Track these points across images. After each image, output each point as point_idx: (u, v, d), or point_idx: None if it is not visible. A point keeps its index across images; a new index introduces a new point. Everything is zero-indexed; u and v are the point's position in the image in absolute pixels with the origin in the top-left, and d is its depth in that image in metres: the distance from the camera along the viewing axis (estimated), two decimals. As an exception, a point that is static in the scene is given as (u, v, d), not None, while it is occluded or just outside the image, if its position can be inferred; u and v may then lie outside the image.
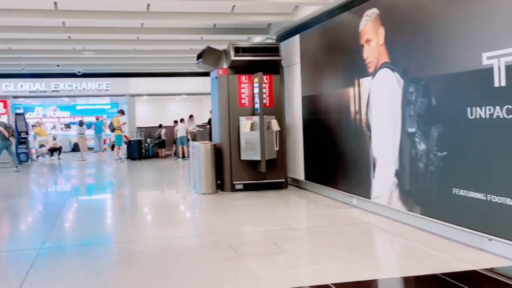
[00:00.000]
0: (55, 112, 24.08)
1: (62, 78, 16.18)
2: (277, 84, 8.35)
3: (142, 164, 15.18)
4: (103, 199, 9.14)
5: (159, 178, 11.82)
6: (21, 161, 15.85)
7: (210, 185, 8.04)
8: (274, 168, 8.10)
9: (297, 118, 8.32)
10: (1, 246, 5.38)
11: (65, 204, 7.84)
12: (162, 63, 14.23)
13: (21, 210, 7.82)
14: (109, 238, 5.60)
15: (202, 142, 8.47)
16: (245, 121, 7.89)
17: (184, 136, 15.79)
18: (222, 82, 8.25)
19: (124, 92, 16.84)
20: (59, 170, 14.94)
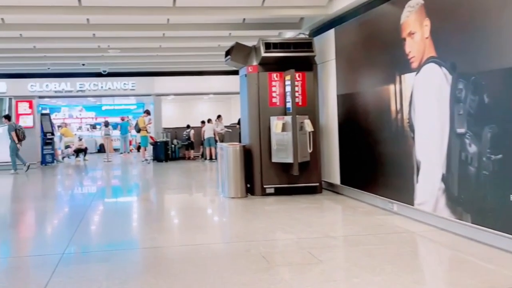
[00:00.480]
0: (81, 113, 24.60)
1: (88, 78, 16.39)
2: (311, 82, 8.21)
3: (169, 166, 15.28)
4: (129, 202, 9.21)
5: (186, 180, 11.87)
6: (47, 162, 16.29)
7: (239, 189, 7.98)
8: (307, 171, 7.98)
9: (332, 118, 8.19)
10: (24, 250, 5.42)
11: (90, 207, 7.93)
12: (189, 61, 14.26)
13: (45, 212, 7.93)
14: (134, 243, 5.56)
15: (230, 144, 8.42)
16: (276, 121, 7.78)
17: (212, 137, 15.83)
18: (251, 80, 8.16)
19: (150, 91, 16.97)
20: (84, 171, 15.23)
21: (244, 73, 8.41)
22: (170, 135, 17.06)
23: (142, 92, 17.03)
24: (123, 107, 24.35)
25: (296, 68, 7.84)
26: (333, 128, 8.18)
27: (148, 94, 17.21)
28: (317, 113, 8.29)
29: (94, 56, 12.91)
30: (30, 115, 15.93)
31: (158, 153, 16.42)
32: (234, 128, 16.49)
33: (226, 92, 17.41)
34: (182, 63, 14.64)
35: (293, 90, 7.81)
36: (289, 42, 8.11)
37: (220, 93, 17.82)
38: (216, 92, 17.68)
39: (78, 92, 16.55)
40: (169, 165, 15.48)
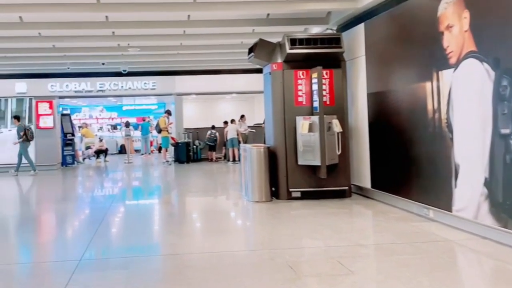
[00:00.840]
0: (102, 113, 24.89)
1: (108, 77, 16.44)
2: (339, 80, 8.08)
3: (190, 167, 15.34)
4: (149, 205, 9.24)
5: (208, 183, 11.87)
6: (67, 163, 16.52)
7: (263, 193, 7.91)
8: (336, 174, 7.87)
9: (362, 118, 8.04)
10: (40, 255, 5.43)
11: (109, 209, 7.97)
12: (211, 59, 14.28)
13: (63, 215, 7.98)
14: (154, 249, 5.51)
15: (254, 145, 8.36)
16: (302, 122, 7.69)
17: (235, 137, 15.81)
18: (276, 78, 8.08)
19: (171, 91, 16.92)
20: (104, 173, 15.39)
21: (268, 71, 8.31)
22: (191, 135, 17.09)
23: (162, 92, 17.06)
24: (144, 107, 24.53)
25: (323, 65, 7.72)
26: (363, 128, 8.04)
27: (169, 94, 17.20)
28: (346, 112, 8.16)
29: (114, 55, 12.98)
30: (50, 116, 16.06)
31: (180, 155, 16.44)
32: (259, 128, 16.41)
33: (249, 91, 17.40)
34: (203, 62, 14.68)
35: (320, 88, 7.68)
36: (316, 37, 7.97)
37: (243, 92, 17.64)
38: (239, 91, 17.56)
39: (98, 92, 16.64)
40: (190, 166, 15.55)
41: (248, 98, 20.91)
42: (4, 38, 10.56)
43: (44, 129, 15.93)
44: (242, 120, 16.77)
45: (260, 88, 9.24)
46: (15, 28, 9.23)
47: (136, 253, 5.23)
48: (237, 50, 11.91)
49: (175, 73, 16.44)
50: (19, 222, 7.55)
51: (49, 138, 15.92)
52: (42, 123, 15.97)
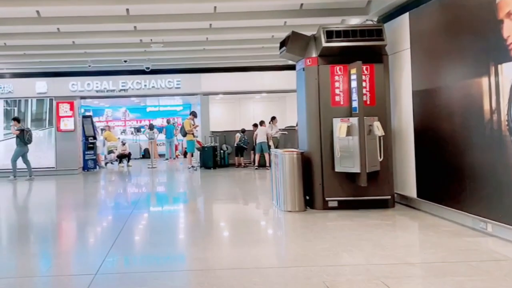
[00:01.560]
0: (125, 115, 25.25)
1: (130, 76, 16.49)
2: (380, 76, 7.84)
3: (217, 173, 15.33)
4: (173, 213, 9.19)
5: (236, 190, 11.81)
6: (88, 168, 16.78)
7: (297, 202, 7.80)
8: (377, 182, 7.68)
9: (407, 119, 7.77)
10: (53, 268, 5.33)
11: (130, 218, 7.97)
12: (239, 56, 14.22)
13: (82, 223, 8.05)
14: (177, 264, 5.38)
15: (286, 150, 8.16)
16: (340, 124, 7.52)
17: (264, 141, 15.70)
18: (310, 75, 7.91)
19: (196, 90, 16.97)
20: (127, 178, 15.58)
21: (301, 66, 8.17)
22: (218, 139, 17.10)
23: (188, 91, 17.07)
24: (168, 109, 24.81)
25: (363, 59, 7.53)
26: (407, 131, 7.77)
27: (194, 94, 17.26)
28: (388, 113, 7.91)
29: (136, 52, 13.08)
30: (71, 118, 16.27)
31: (206, 160, 16.49)
32: (291, 130, 16.31)
33: (280, 90, 17.36)
34: (231, 58, 14.64)
35: (360, 86, 7.47)
36: (355, 29, 7.74)
37: (274, 91, 17.66)
38: (269, 90, 17.44)
39: (121, 91, 16.72)
40: (217, 172, 15.56)
41: (280, 98, 20.88)
42: (22, 35, 10.71)
43: (65, 131, 16.17)
44: (273, 123, 16.66)
45: (293, 86, 9.12)
46: (32, 23, 9.34)
47: (156, 267, 5.10)
48: (268, 44, 11.84)
49: (200, 71, 16.45)
50: (34, 231, 7.57)
51: (70, 141, 16.20)
52: (62, 125, 16.19)
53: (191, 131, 15.94)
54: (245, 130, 16.88)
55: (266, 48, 12.50)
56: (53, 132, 16.16)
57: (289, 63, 8.84)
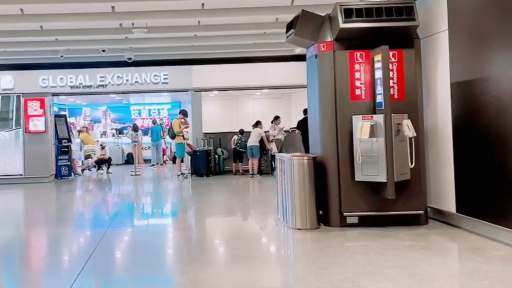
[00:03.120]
0: (106, 114, 25.12)
1: (110, 69, 16.06)
2: (411, 64, 7.51)
3: (211, 182, 15.17)
4: (158, 229, 8.99)
5: (234, 202, 11.60)
6: (62, 175, 16.57)
7: (308, 217, 7.54)
8: (407, 193, 7.38)
9: (443, 117, 7.45)
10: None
11: (106, 235, 7.84)
12: (237, 44, 14.07)
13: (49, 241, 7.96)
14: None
15: (295, 155, 7.92)
16: (361, 123, 7.25)
17: (255, 145, 15.59)
18: (324, 63, 7.63)
19: (187, 85, 16.67)
20: (106, 187, 15.54)
21: (313, 53, 7.87)
22: (212, 142, 16.88)
23: (177, 87, 16.80)
24: (155, 107, 24.79)
25: (389, 44, 7.21)
26: (444, 131, 7.44)
27: (184, 90, 17.05)
28: (420, 110, 7.56)
29: (116, 39, 13.01)
30: (41, 117, 15.92)
31: (198, 166, 16.25)
32: (294, 133, 16.15)
33: (285, 86, 17.12)
34: (227, 47, 14.50)
35: (386, 76, 7.13)
36: (380, 7, 7.35)
37: (278, 86, 17.46)
38: (272, 85, 17.08)
39: (99, 87, 16.37)
40: (211, 181, 15.41)
41: (284, 95, 20.88)
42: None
43: (34, 133, 15.87)
44: (275, 123, 16.48)
45: (300, 80, 8.95)
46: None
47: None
48: (271, 29, 11.74)
49: (191, 62, 16.22)
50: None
51: (41, 144, 15.88)
52: (31, 126, 15.90)
53: (180, 133, 15.70)
54: (243, 132, 16.66)
55: (270, 34, 12.40)
56: (20, 134, 15.83)
57: (297, 53, 8.53)
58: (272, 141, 15.93)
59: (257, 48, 14.96)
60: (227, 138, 17.01)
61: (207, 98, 19.49)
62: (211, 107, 20.60)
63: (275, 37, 12.16)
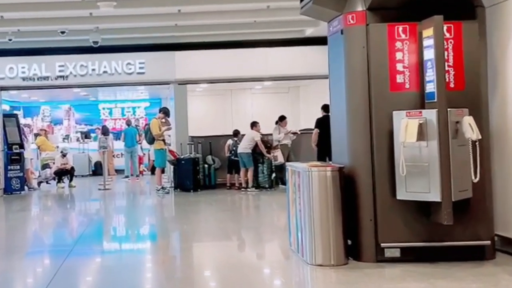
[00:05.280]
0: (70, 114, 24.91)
1: (71, 55, 16.00)
2: (472, 42, 7.11)
3: (199, 198, 14.81)
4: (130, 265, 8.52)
5: (230, 226, 11.26)
6: (13, 189, 16.27)
7: (333, 250, 7.19)
8: (468, 217, 6.99)
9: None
10: None
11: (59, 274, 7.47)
12: (231, 23, 14.14)
13: None
14: None
15: (314, 165, 7.65)
16: (406, 121, 6.86)
17: (246, 152, 15.29)
18: (354, 41, 7.31)
19: (169, 76, 16.36)
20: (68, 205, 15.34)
21: (338, 28, 7.56)
22: (201, 148, 16.58)
23: (156, 78, 16.56)
24: (130, 105, 24.80)
25: (444, 14, 6.80)
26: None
27: (165, 82, 16.86)
28: (485, 103, 7.21)
29: (78, 17, 12.79)
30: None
31: (183, 178, 15.88)
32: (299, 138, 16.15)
33: (292, 77, 17.04)
34: (219, 27, 14.54)
35: (440, 58, 6.69)
36: None
37: (283, 77, 17.23)
38: (276, 76, 16.93)
39: (58, 79, 15.98)
40: (199, 197, 14.99)
41: (291, 89, 20.93)
42: None
43: None
44: (281, 124, 16.21)
45: (311, 70, 8.78)
46: None
47: None
48: (276, 2, 11.71)
49: (174, 47, 16.05)
50: None
51: None
52: None
53: (160, 137, 15.40)
54: (238, 133, 16.39)
55: (274, 9, 12.28)
56: None
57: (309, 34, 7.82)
58: (277, 147, 15.72)
59: (258, 29, 14.90)
60: (220, 143, 16.75)
61: (194, 93, 19.40)
62: (200, 104, 20.58)
63: (281, 13, 12.13)
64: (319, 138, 13.46)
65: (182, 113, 16.67)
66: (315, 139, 13.88)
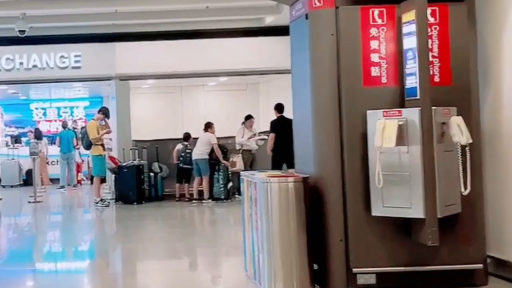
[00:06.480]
0: None
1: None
2: (461, 29, 6.96)
3: (144, 212, 14.72)
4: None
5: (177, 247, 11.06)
6: None
7: (296, 276, 7.04)
8: (456, 236, 6.86)
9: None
10: None
11: None
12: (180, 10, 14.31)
13: None
14: None
15: (273, 174, 7.51)
16: (383, 122, 6.66)
17: (202, 158, 15.31)
18: (321, 27, 7.13)
19: (109, 71, 16.46)
20: None
21: (302, 11, 7.40)
22: (146, 154, 16.49)
23: (94, 73, 16.54)
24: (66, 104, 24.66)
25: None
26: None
27: (105, 77, 16.85)
28: (475, 101, 7.07)
29: (1, 2, 12.97)
30: None
31: (125, 188, 15.78)
32: None
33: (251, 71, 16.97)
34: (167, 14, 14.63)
35: (424, 47, 6.52)
36: None
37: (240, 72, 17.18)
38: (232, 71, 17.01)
39: None
40: (144, 210, 14.92)
41: (250, 85, 21.05)
42: None
43: None
44: (246, 125, 16.09)
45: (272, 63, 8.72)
46: None
47: None
48: None
49: (115, 38, 16.03)
50: None
51: None
52: None
53: (99, 141, 15.22)
54: (189, 137, 16.28)
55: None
56: None
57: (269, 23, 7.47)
58: (239, 151, 15.57)
59: (211, 16, 14.96)
60: (168, 148, 16.73)
61: (139, 90, 19.43)
62: (145, 103, 20.73)
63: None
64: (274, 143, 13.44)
65: (125, 114, 16.69)
66: (270, 144, 13.85)
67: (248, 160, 15.62)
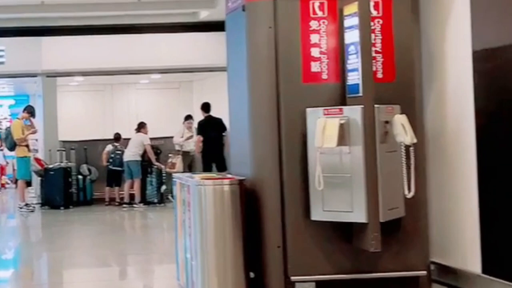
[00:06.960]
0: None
1: None
2: (404, 22, 6.85)
3: (72, 218, 14.89)
4: None
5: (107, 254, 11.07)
6: None
7: (231, 284, 6.94)
8: (399, 241, 6.75)
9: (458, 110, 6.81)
10: None
11: None
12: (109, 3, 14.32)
13: None
14: None
15: (207, 176, 7.55)
16: (324, 121, 6.45)
17: (134, 160, 15.53)
18: (257, 20, 6.97)
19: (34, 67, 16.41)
20: None
21: (238, 3, 7.24)
22: (74, 155, 16.67)
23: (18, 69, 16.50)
24: None
25: None
26: (460, 135, 6.77)
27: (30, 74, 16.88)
28: (419, 98, 7.01)
29: None
30: None
31: (51, 192, 15.89)
32: None
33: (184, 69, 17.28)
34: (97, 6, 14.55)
35: (366, 41, 6.38)
36: None
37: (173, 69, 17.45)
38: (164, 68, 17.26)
39: None
40: (71, 215, 15.08)
41: (183, 83, 21.28)
42: None
43: None
44: (186, 125, 16.23)
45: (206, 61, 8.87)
46: None
47: None
48: None
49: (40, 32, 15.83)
50: None
51: None
52: None
53: (23, 141, 15.37)
54: (120, 138, 16.26)
55: None
56: None
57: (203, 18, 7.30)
58: (179, 153, 15.56)
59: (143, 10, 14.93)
60: (97, 149, 16.80)
61: (67, 88, 19.34)
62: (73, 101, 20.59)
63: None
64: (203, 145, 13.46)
65: (52, 113, 16.78)
66: (198, 146, 13.90)
67: (186, 162, 15.54)
